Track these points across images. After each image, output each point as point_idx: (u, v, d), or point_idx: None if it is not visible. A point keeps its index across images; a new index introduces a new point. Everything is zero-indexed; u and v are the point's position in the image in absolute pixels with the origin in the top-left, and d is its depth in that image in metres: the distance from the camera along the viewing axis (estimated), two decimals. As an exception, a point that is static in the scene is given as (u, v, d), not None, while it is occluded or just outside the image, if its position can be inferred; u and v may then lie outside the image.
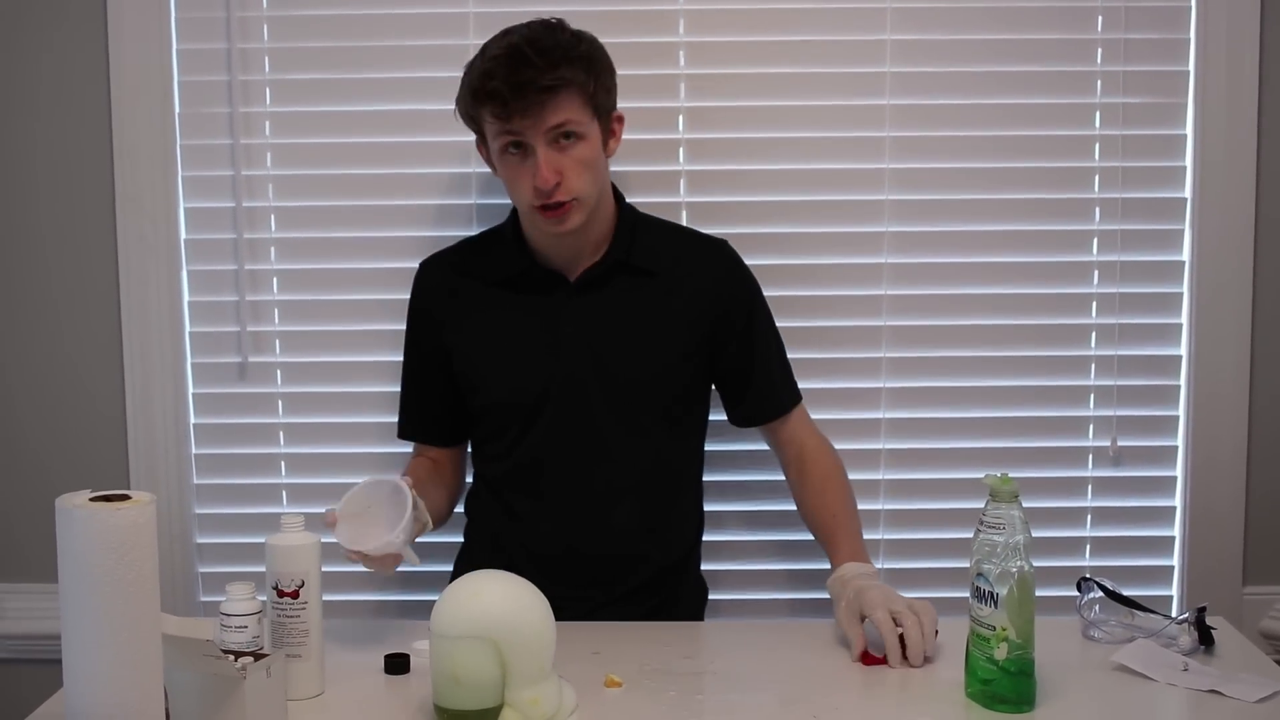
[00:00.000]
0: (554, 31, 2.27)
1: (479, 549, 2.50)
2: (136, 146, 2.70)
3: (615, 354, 2.32)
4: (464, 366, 2.41)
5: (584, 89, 2.24)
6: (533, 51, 2.21)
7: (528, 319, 2.37)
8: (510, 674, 1.79)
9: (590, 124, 2.26)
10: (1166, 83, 2.69)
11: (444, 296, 2.44)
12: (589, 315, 2.35)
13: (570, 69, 2.21)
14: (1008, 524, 1.85)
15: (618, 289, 2.36)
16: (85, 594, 1.55)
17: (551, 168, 2.22)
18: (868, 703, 1.93)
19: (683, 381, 2.39)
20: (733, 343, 2.39)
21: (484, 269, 2.42)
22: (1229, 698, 1.90)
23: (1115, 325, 2.72)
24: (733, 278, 2.43)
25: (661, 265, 2.38)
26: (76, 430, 2.78)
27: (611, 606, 2.35)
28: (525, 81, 2.19)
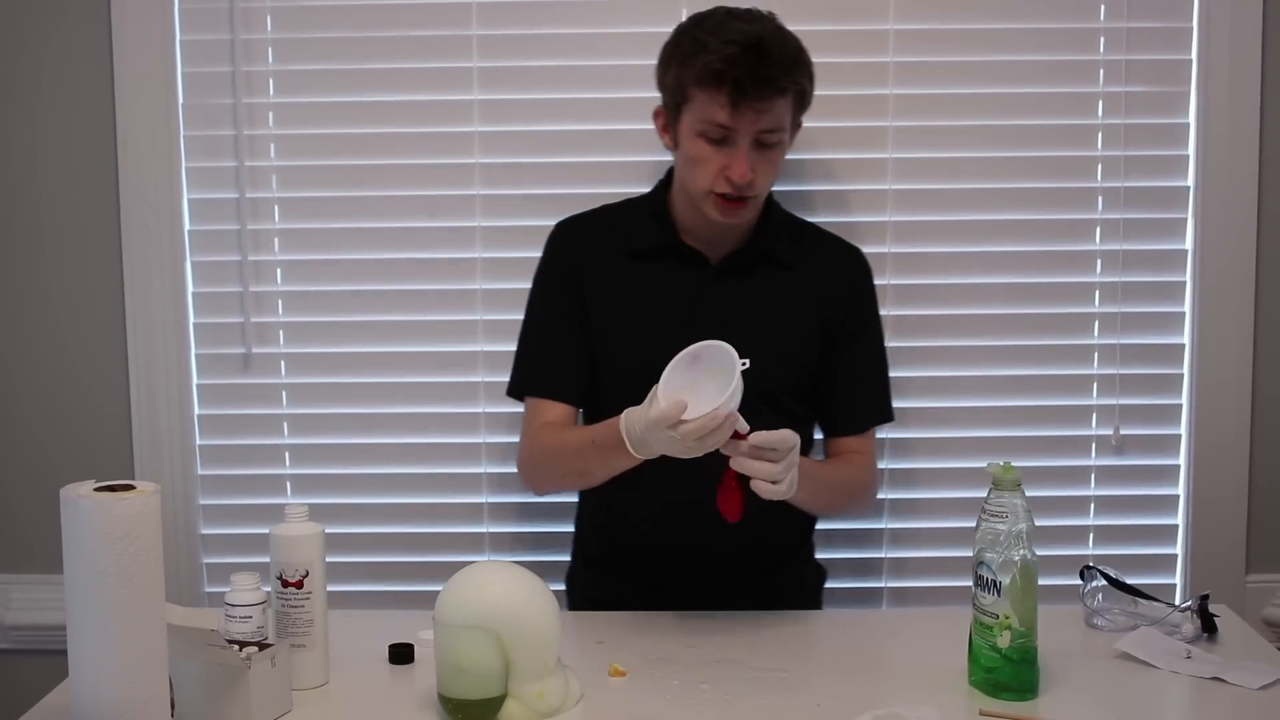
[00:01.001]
0: (783, 31, 2.27)
1: (591, 533, 2.51)
2: (140, 138, 2.70)
3: (744, 340, 2.28)
4: (598, 332, 2.39)
5: (803, 96, 2.27)
6: (774, 47, 2.21)
7: (666, 294, 2.36)
8: (514, 669, 1.80)
9: (789, 129, 2.28)
10: (1169, 71, 2.69)
11: (586, 257, 2.41)
12: (726, 299, 2.35)
13: (800, 73, 2.24)
14: (1010, 512, 1.85)
15: (756, 278, 2.37)
16: (90, 584, 1.55)
17: (750, 164, 2.23)
18: (870, 691, 1.93)
19: (800, 376, 2.38)
20: (839, 348, 2.39)
21: (625, 237, 2.40)
22: (1232, 685, 1.91)
23: (1118, 314, 2.72)
24: (858, 285, 2.43)
25: (799, 262, 2.38)
26: (81, 421, 2.79)
27: (727, 591, 2.34)
28: (766, 77, 2.19)
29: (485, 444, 2.76)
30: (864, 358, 2.43)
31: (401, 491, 2.79)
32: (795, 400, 2.38)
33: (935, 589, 2.76)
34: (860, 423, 2.43)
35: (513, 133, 2.71)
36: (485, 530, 2.78)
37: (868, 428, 2.44)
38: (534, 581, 1.87)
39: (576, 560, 2.56)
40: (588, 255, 2.41)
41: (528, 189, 2.72)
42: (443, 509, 2.79)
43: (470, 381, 2.75)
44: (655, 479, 2.18)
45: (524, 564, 1.94)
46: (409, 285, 2.75)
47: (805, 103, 2.29)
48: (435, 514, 2.79)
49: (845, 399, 2.42)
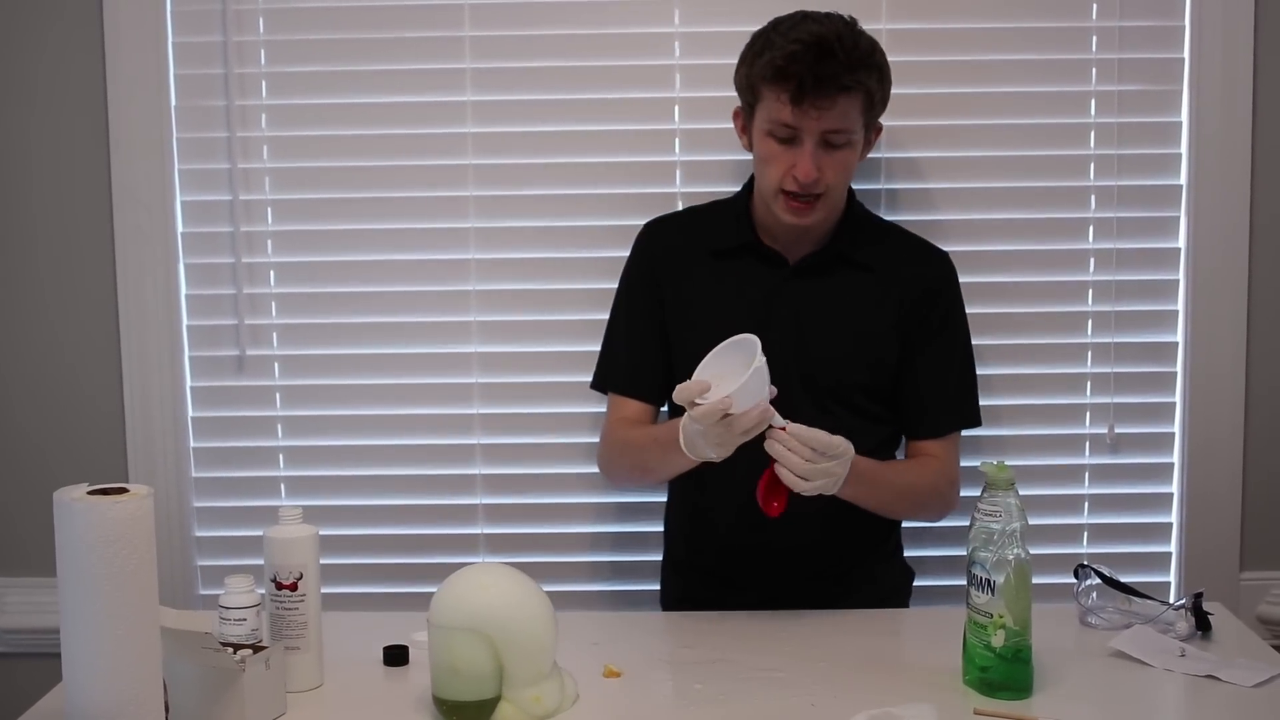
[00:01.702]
0: (855, 32, 2.28)
1: (677, 536, 2.52)
2: (133, 139, 2.70)
3: (820, 340, 2.32)
4: (676, 329, 2.41)
5: (870, 97, 2.26)
6: (839, 47, 2.22)
7: (743, 293, 2.38)
8: (511, 674, 1.80)
9: (859, 131, 2.27)
10: (1161, 70, 2.69)
11: (667, 257, 2.44)
12: (802, 299, 2.36)
13: (867, 74, 2.24)
14: (1004, 511, 1.86)
15: (834, 279, 2.37)
16: (84, 587, 1.55)
17: (816, 163, 2.23)
18: (864, 691, 1.93)
19: (876, 377, 2.38)
20: (915, 350, 2.39)
21: (707, 237, 2.42)
22: (1226, 683, 1.91)
23: (1111, 313, 2.73)
24: (938, 287, 2.41)
25: (879, 263, 2.38)
26: (74, 424, 2.79)
27: (799, 590, 2.34)
28: (828, 75, 2.20)
29: (480, 445, 2.76)
30: (943, 361, 2.41)
31: (396, 493, 2.79)
32: (870, 400, 2.38)
33: (930, 587, 2.76)
34: (937, 426, 2.42)
35: (506, 134, 2.71)
36: (480, 532, 2.78)
37: (945, 432, 2.43)
38: (530, 586, 1.87)
39: (666, 563, 2.58)
40: (669, 255, 2.44)
41: (521, 190, 2.72)
42: (437, 510, 2.79)
43: (464, 383, 2.75)
44: (731, 478, 2.20)
45: (520, 565, 1.94)
46: (403, 287, 2.74)
47: (877, 104, 2.29)
48: (430, 516, 2.79)
49: (922, 402, 2.42)
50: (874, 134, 2.36)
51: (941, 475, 2.42)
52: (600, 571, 2.79)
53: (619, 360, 2.48)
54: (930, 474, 2.41)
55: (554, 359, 2.73)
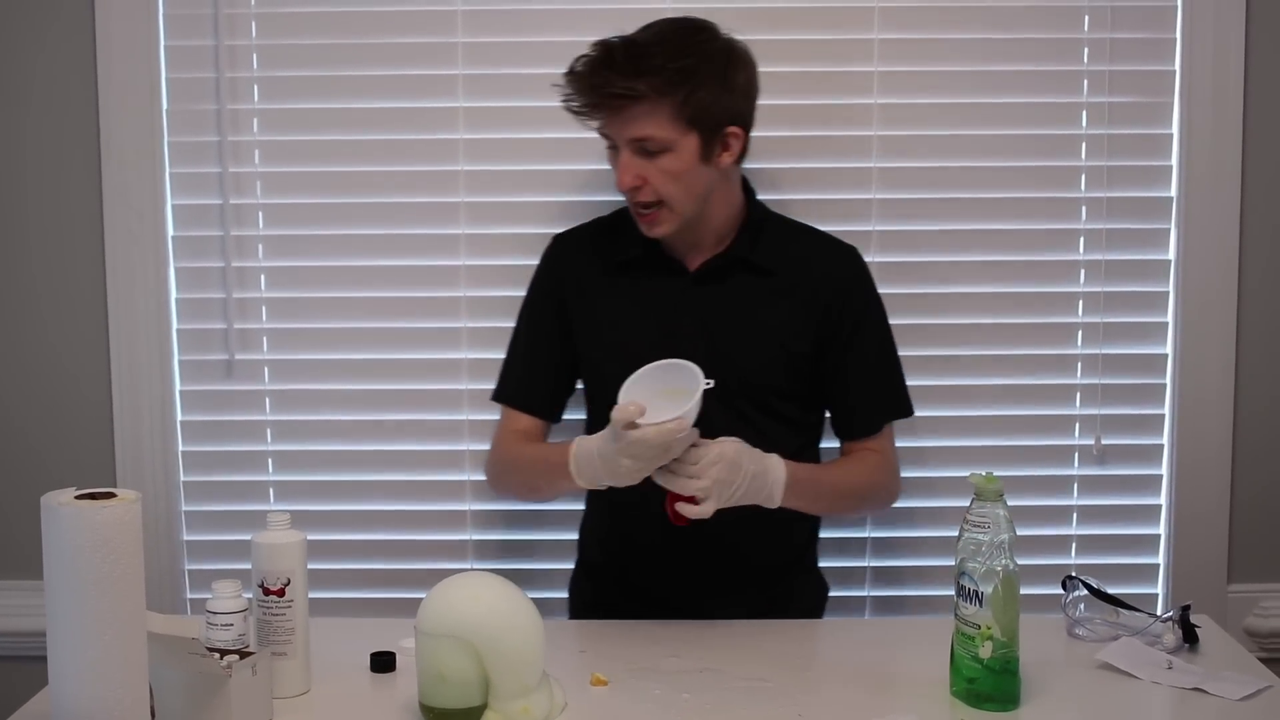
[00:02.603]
0: (670, 36, 2.23)
1: (592, 541, 2.51)
2: (124, 143, 2.70)
3: (728, 346, 2.30)
4: (583, 347, 2.40)
5: (670, 101, 2.18)
6: (622, 55, 2.20)
7: (647, 304, 2.36)
8: (499, 687, 1.79)
9: (682, 137, 2.20)
10: (1152, 82, 2.70)
11: (572, 272, 2.43)
12: (705, 306, 2.34)
13: (652, 81, 2.17)
14: (992, 522, 1.86)
15: (735, 284, 2.35)
16: (70, 591, 1.55)
17: (632, 171, 2.22)
18: (852, 701, 1.93)
19: (791, 380, 2.35)
20: (834, 350, 2.36)
21: (610, 250, 2.41)
22: (1213, 695, 1.91)
23: (1101, 324, 2.73)
24: (847, 285, 2.39)
25: (782, 265, 2.36)
26: (63, 427, 2.78)
27: (717, 601, 2.32)
28: (598, 84, 2.20)
29: (469, 451, 2.76)
30: (866, 356, 2.40)
31: (385, 498, 2.78)
32: (786, 403, 2.37)
33: (917, 598, 2.76)
34: (870, 423, 2.42)
35: (498, 140, 2.71)
36: (469, 538, 2.78)
37: (879, 427, 2.42)
38: (519, 600, 1.86)
39: (579, 568, 2.57)
40: (574, 270, 2.42)
41: (512, 196, 2.72)
42: (426, 516, 2.78)
43: (454, 389, 2.75)
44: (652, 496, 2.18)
45: (507, 572, 1.94)
46: (393, 292, 2.74)
47: (689, 106, 2.19)
48: (418, 521, 2.78)
49: (851, 400, 2.41)
50: (726, 140, 2.26)
51: (880, 468, 2.42)
52: (588, 579, 2.78)
53: (514, 374, 2.46)
54: (869, 468, 2.41)
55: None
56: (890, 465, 2.44)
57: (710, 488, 2.07)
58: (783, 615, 2.34)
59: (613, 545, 2.43)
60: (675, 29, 2.25)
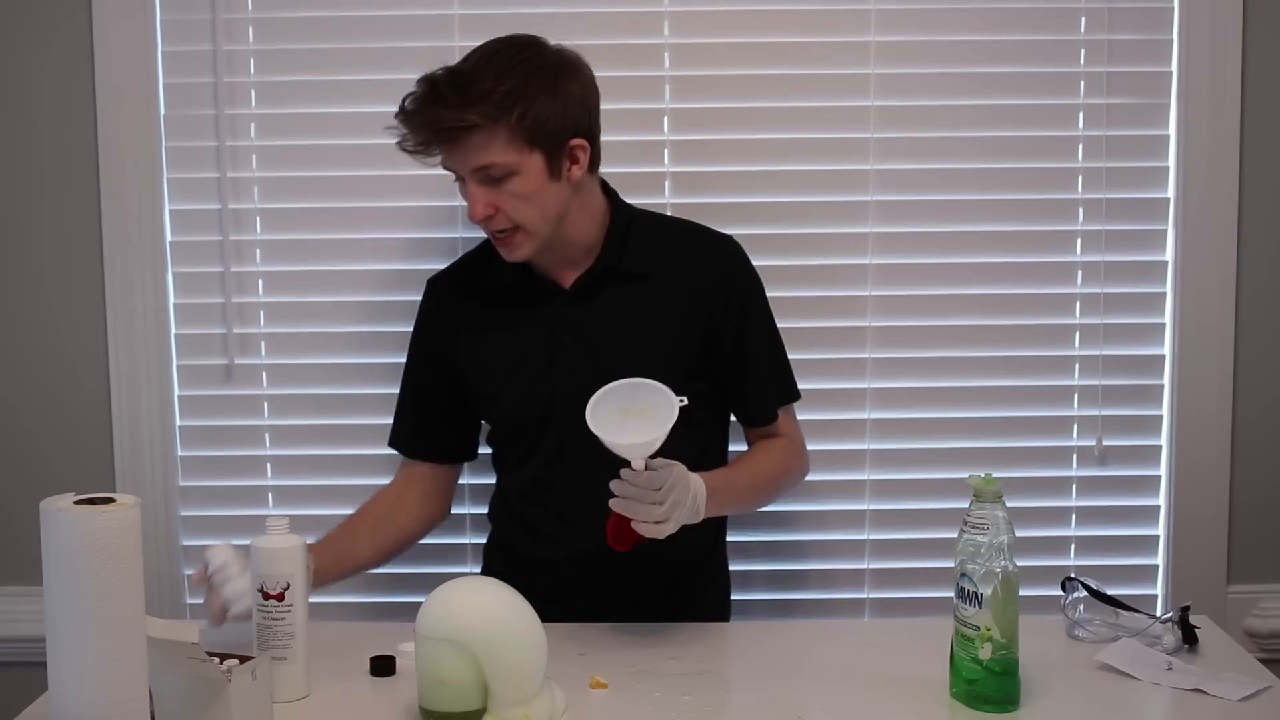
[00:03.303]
0: (493, 58, 2.20)
1: (497, 557, 2.49)
2: (121, 148, 2.70)
3: (614, 359, 2.26)
4: (475, 382, 2.39)
5: (504, 125, 2.15)
6: (447, 87, 2.16)
7: (529, 330, 2.34)
8: (499, 695, 1.79)
9: (525, 158, 2.17)
10: (1149, 83, 2.70)
11: (449, 315, 2.41)
12: (585, 322, 2.32)
13: (480, 109, 2.14)
14: (992, 524, 1.86)
15: (611, 294, 2.32)
16: (70, 597, 1.55)
17: (482, 201, 2.20)
18: (851, 702, 1.93)
19: (688, 379, 2.28)
20: (725, 343, 2.34)
21: (484, 284, 2.39)
22: (1213, 696, 1.92)
23: (1099, 325, 2.73)
24: (726, 275, 2.35)
25: (654, 267, 2.33)
26: (62, 432, 2.78)
27: (630, 610, 2.30)
28: (429, 121, 2.17)
29: (467, 455, 2.76)
30: (758, 346, 2.37)
31: (383, 503, 2.78)
32: (695, 409, 2.27)
33: (917, 600, 2.76)
34: (768, 410, 2.40)
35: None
36: (467, 541, 2.78)
37: (774, 417, 2.40)
38: (520, 608, 1.85)
39: (491, 540, 2.54)
40: (451, 312, 2.42)
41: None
42: (425, 520, 2.78)
43: (452, 393, 2.75)
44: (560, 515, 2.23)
45: (506, 576, 1.94)
46: (391, 297, 2.74)
47: (526, 126, 2.16)
48: (417, 525, 2.78)
49: (748, 390, 2.39)
50: (573, 153, 2.23)
51: (788, 451, 2.40)
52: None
53: (405, 421, 2.48)
54: (779, 454, 2.39)
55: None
56: (796, 445, 2.42)
57: (669, 510, 2.04)
58: (692, 619, 2.31)
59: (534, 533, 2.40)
60: (498, 51, 2.22)
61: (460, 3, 2.68)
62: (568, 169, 2.23)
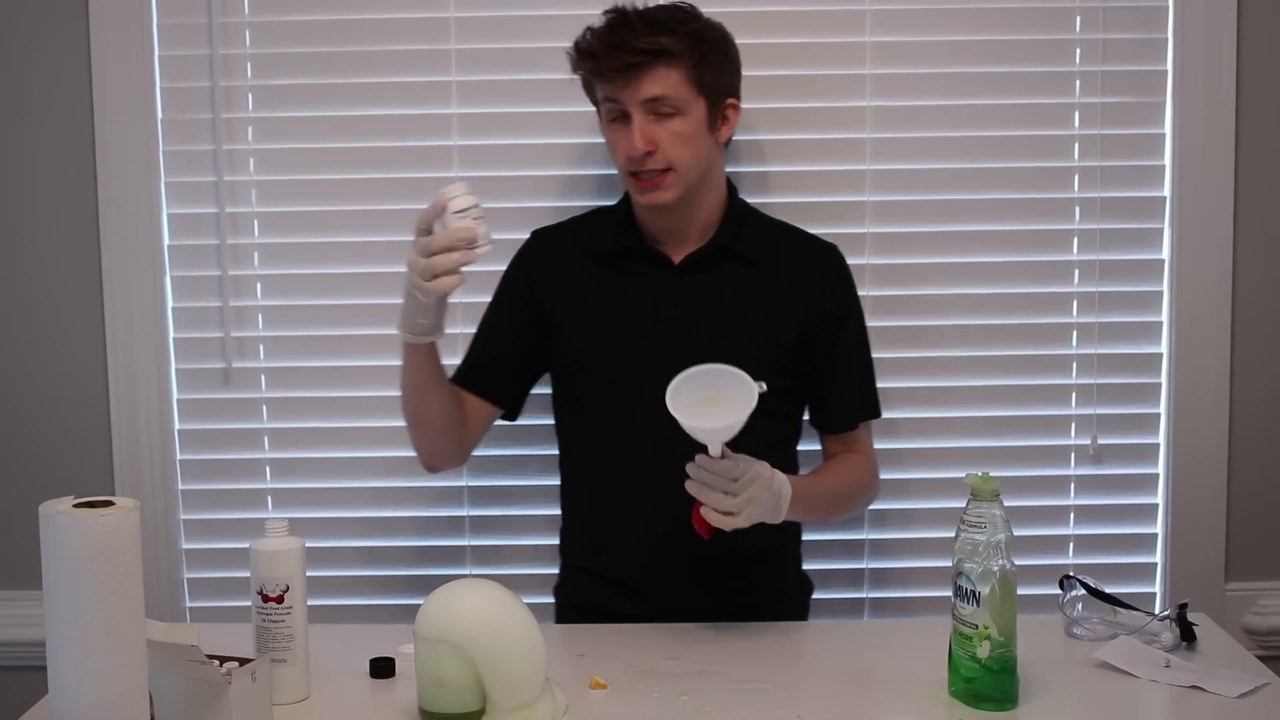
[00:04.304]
0: (671, 8, 2.30)
1: (576, 541, 2.50)
2: (119, 152, 2.70)
3: (711, 338, 2.31)
4: (570, 336, 2.40)
5: (685, 62, 2.23)
6: (636, 17, 2.25)
7: (631, 297, 2.37)
8: (499, 701, 1.79)
9: (693, 101, 2.25)
10: (1145, 82, 2.70)
11: (551, 266, 2.43)
12: (690, 298, 2.35)
13: (670, 39, 2.22)
14: (989, 523, 1.86)
15: (720, 275, 2.36)
16: (69, 600, 1.55)
17: (644, 135, 2.24)
18: (851, 702, 1.93)
19: (774, 371, 2.32)
20: (819, 345, 2.37)
21: (591, 244, 2.42)
22: (1211, 693, 1.92)
23: (1095, 324, 2.73)
24: (832, 281, 2.40)
25: (766, 257, 2.37)
26: (61, 436, 2.78)
27: (705, 599, 2.31)
28: (619, 42, 2.23)
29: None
30: (849, 355, 2.41)
31: (383, 505, 2.79)
32: (778, 401, 2.33)
33: (915, 599, 2.76)
34: (848, 419, 2.43)
35: (492, 146, 2.72)
36: (467, 543, 2.78)
37: (856, 424, 2.44)
38: (519, 616, 1.84)
39: (563, 570, 2.56)
40: (551, 264, 2.44)
41: (507, 203, 2.71)
42: (424, 522, 2.79)
43: (451, 395, 2.75)
44: (635, 478, 2.20)
45: (504, 577, 1.94)
46: (389, 300, 2.72)
47: (700, 69, 2.25)
48: (416, 527, 2.79)
49: (832, 397, 2.41)
50: (726, 112, 2.33)
51: (866, 470, 2.45)
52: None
53: (473, 359, 2.48)
54: (858, 471, 2.43)
55: (540, 371, 2.73)
56: (873, 465, 2.47)
57: (743, 504, 2.06)
58: (767, 613, 2.33)
59: (603, 551, 2.42)
60: (672, 6, 2.32)
61: (456, 6, 2.68)
62: (719, 126, 2.33)
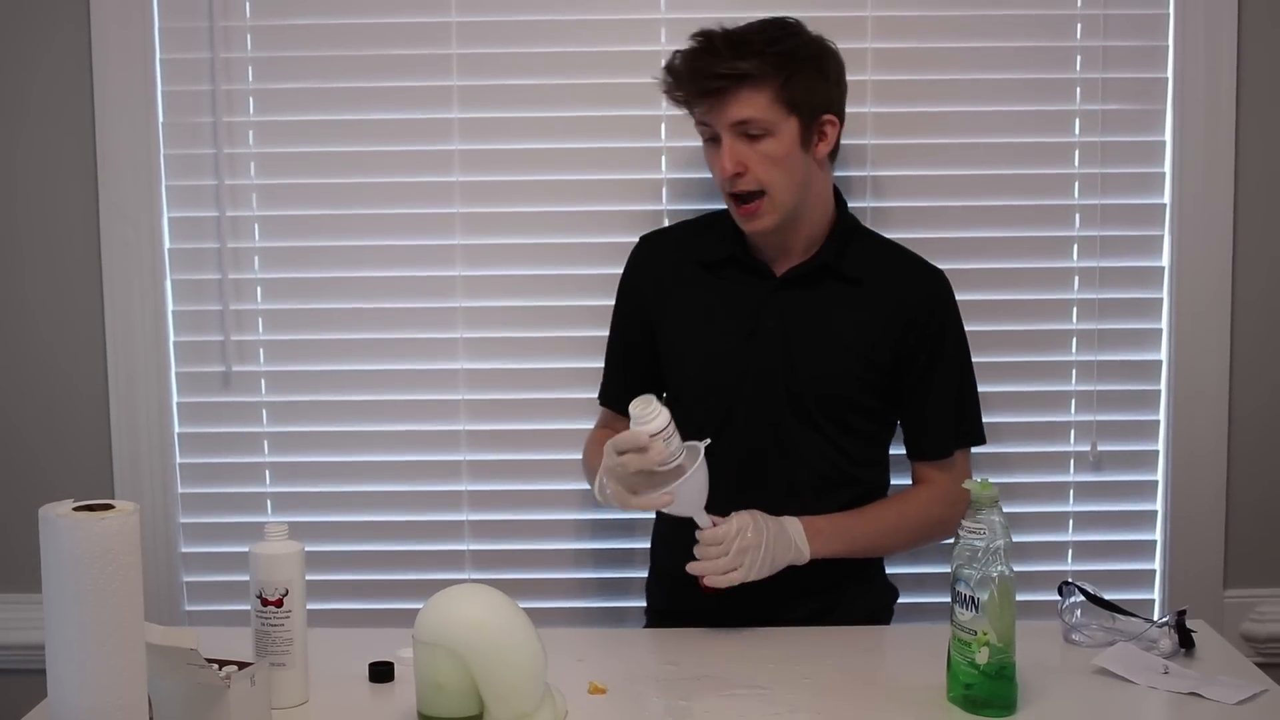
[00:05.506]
0: (765, 27, 2.28)
1: (662, 541, 2.52)
2: (120, 156, 2.70)
3: (806, 353, 2.32)
4: (666, 342, 2.42)
5: (771, 84, 2.22)
6: (722, 41, 2.24)
7: (730, 305, 2.38)
8: (498, 712, 1.79)
9: (783, 122, 2.24)
10: (1145, 89, 2.71)
11: (656, 272, 2.45)
12: (788, 311, 2.35)
13: (754, 62, 2.21)
14: (988, 529, 1.86)
15: (821, 291, 2.36)
16: (69, 604, 1.55)
17: (733, 158, 2.24)
18: (849, 707, 1.93)
19: (865, 392, 2.35)
20: (915, 371, 2.36)
21: (697, 250, 2.42)
22: (1209, 700, 1.91)
23: (1095, 331, 2.74)
24: (933, 305, 2.38)
25: (869, 276, 2.36)
26: (61, 440, 2.78)
27: (781, 604, 2.30)
28: (700, 68, 2.23)
29: (466, 461, 2.76)
30: (945, 381, 2.39)
31: (382, 509, 2.79)
32: (857, 415, 2.36)
33: (914, 605, 2.76)
34: (941, 446, 2.41)
35: (493, 151, 2.72)
36: (466, 548, 2.78)
37: (950, 451, 2.42)
38: (519, 628, 1.84)
39: (651, 575, 2.57)
40: (656, 268, 2.45)
41: (507, 207, 2.72)
42: (423, 526, 2.79)
43: (451, 399, 2.76)
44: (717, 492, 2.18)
45: (504, 581, 1.94)
46: (389, 303, 2.75)
47: (789, 89, 2.23)
48: (416, 531, 2.79)
49: (926, 423, 2.41)
50: (822, 128, 2.31)
51: (935, 500, 2.40)
52: (585, 587, 2.79)
53: (609, 375, 2.51)
54: (921, 502, 2.41)
55: (540, 375, 2.74)
56: (950, 497, 2.36)
57: (736, 558, 2.12)
58: (846, 619, 2.35)
59: (678, 551, 2.42)
60: (770, 22, 2.31)
61: (458, 10, 2.69)
62: (816, 143, 2.30)
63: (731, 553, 2.12)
